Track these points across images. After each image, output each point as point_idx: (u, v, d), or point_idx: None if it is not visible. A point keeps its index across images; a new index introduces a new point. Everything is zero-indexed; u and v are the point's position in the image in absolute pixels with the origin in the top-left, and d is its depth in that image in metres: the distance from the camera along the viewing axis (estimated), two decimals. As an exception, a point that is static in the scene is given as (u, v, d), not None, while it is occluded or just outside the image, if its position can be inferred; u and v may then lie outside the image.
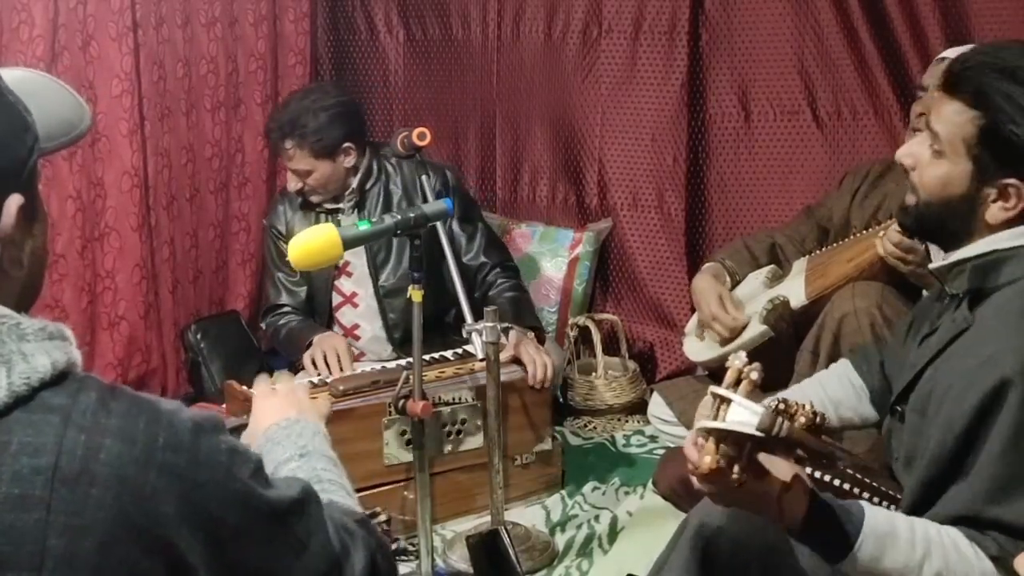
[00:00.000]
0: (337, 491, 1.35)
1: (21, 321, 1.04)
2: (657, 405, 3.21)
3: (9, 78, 1.10)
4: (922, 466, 1.62)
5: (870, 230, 2.82)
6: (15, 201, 1.05)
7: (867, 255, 2.70)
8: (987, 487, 1.53)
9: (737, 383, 1.43)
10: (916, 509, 1.61)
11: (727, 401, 1.40)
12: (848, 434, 2.27)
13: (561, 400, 3.49)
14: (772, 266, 3.03)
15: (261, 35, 3.72)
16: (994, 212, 1.66)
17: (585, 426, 3.46)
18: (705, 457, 1.39)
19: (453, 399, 2.77)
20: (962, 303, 1.70)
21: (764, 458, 1.45)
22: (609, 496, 2.95)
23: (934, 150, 1.69)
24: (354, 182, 3.14)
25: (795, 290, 2.80)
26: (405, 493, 2.69)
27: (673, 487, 2.78)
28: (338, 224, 3.09)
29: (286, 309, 3.27)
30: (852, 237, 2.86)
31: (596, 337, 3.51)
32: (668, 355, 3.68)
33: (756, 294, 2.95)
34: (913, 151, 1.75)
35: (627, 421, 3.47)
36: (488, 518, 2.61)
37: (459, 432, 2.78)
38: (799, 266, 2.93)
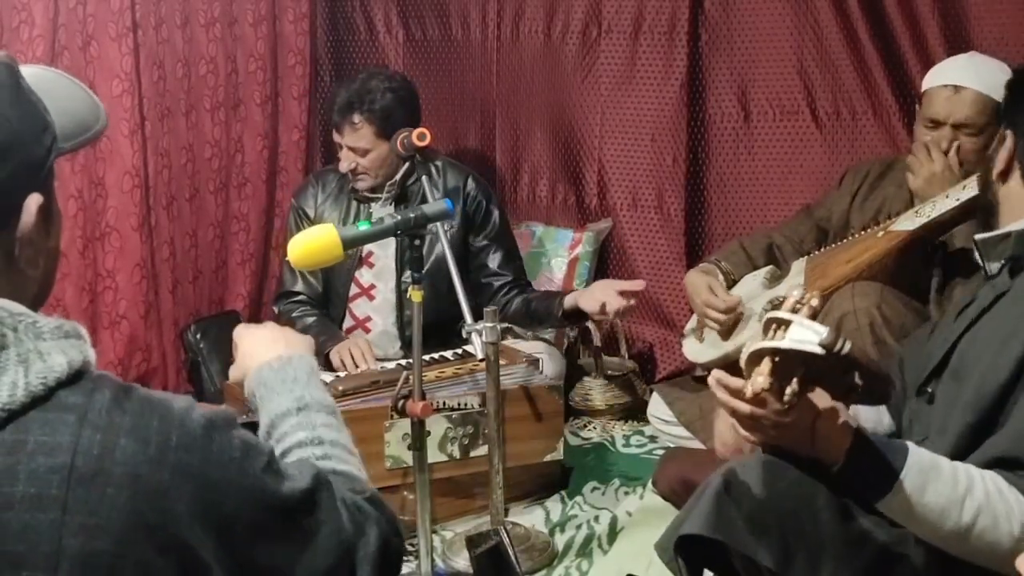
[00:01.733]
0: (340, 454, 1.33)
1: (38, 320, 1.04)
2: (657, 405, 3.21)
3: (26, 75, 1.10)
4: (962, 413, 1.64)
5: (869, 230, 2.82)
6: (35, 200, 1.06)
7: (867, 255, 2.70)
8: None
9: (795, 312, 1.42)
10: (956, 458, 1.61)
11: (785, 324, 1.39)
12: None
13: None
14: (771, 266, 3.02)
15: (260, 35, 3.72)
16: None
17: (585, 426, 3.47)
18: (758, 378, 1.38)
19: (459, 405, 2.77)
20: (1001, 272, 1.74)
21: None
22: (609, 496, 2.95)
23: None
24: (399, 174, 3.15)
25: (795, 291, 2.80)
26: (405, 493, 2.69)
27: (673, 487, 2.78)
28: (369, 216, 3.13)
29: (301, 297, 3.29)
30: (851, 237, 2.86)
31: (596, 337, 3.51)
32: (667, 355, 3.68)
33: (755, 295, 2.95)
34: None
35: (626, 421, 3.47)
36: (488, 518, 2.61)
37: (466, 439, 2.77)
38: (798, 266, 2.93)
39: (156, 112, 3.38)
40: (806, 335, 1.36)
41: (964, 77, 2.72)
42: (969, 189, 2.49)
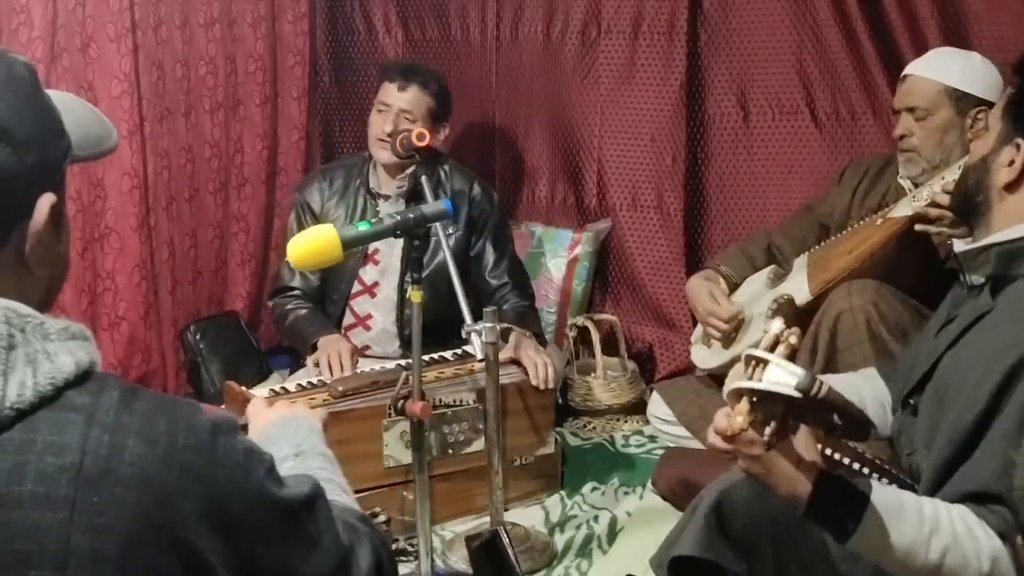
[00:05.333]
0: (334, 489, 1.36)
1: (45, 321, 1.05)
2: (656, 405, 3.21)
3: None
4: (941, 447, 1.63)
5: (867, 219, 2.82)
6: (48, 200, 1.08)
7: (867, 244, 2.70)
8: (997, 464, 1.53)
9: (773, 348, 1.42)
10: (934, 491, 1.61)
11: (763, 363, 1.39)
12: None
13: (560, 401, 3.48)
14: (773, 266, 3.03)
15: (260, 36, 3.72)
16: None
17: (584, 426, 3.46)
18: (737, 417, 1.38)
19: (455, 401, 2.77)
20: (983, 290, 1.72)
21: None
22: (608, 496, 2.95)
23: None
24: (411, 169, 3.14)
25: (799, 287, 2.81)
26: (404, 494, 2.69)
27: (673, 487, 2.79)
28: (377, 213, 3.12)
29: (296, 292, 3.28)
30: (850, 228, 2.87)
31: (595, 337, 3.51)
32: (667, 355, 3.69)
33: (760, 295, 2.95)
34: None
35: (626, 421, 3.47)
36: (487, 519, 2.61)
37: (461, 436, 2.78)
38: (800, 263, 2.93)
39: (155, 113, 3.38)
40: (783, 377, 1.36)
41: (911, 68, 2.89)
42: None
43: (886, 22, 3.34)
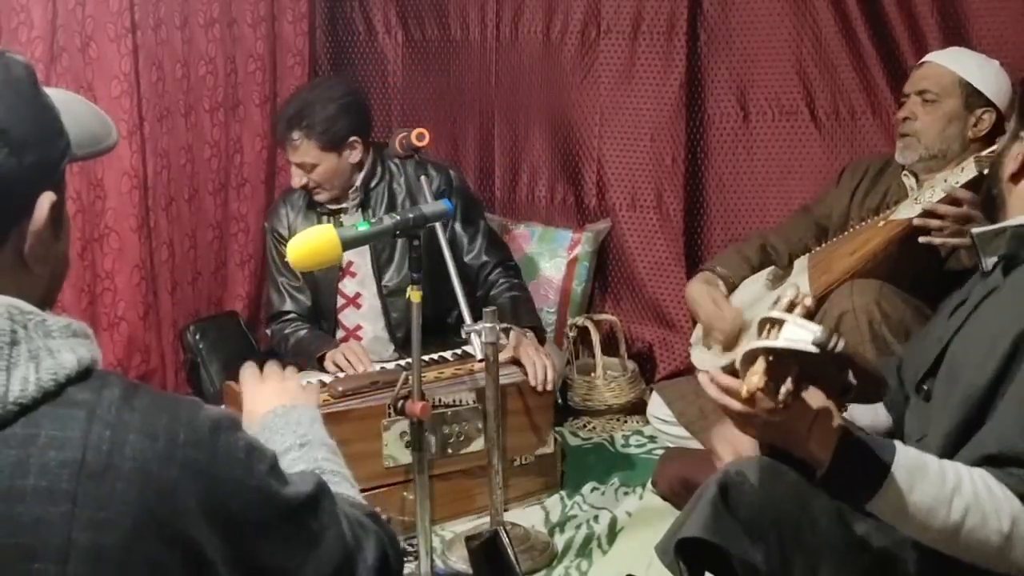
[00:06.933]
0: (341, 482, 1.36)
1: (46, 318, 1.06)
2: (656, 405, 3.21)
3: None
4: (952, 413, 1.64)
5: (870, 220, 2.82)
6: (48, 199, 1.08)
7: (869, 246, 2.70)
8: (1014, 427, 1.54)
9: (790, 312, 1.42)
10: (946, 457, 1.61)
11: (779, 324, 1.39)
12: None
13: (560, 401, 3.49)
14: (772, 267, 3.02)
15: (259, 36, 3.72)
16: None
17: (584, 426, 3.46)
18: (752, 377, 1.39)
19: (454, 401, 2.77)
20: (995, 270, 1.74)
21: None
22: (608, 496, 2.95)
23: None
24: (358, 180, 3.14)
25: (800, 288, 2.80)
26: (404, 494, 2.69)
27: (673, 487, 2.79)
28: (340, 225, 3.10)
29: (291, 316, 3.26)
30: (852, 230, 2.87)
31: (595, 337, 3.51)
32: (667, 355, 3.69)
33: (760, 296, 2.95)
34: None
35: (626, 421, 3.47)
36: (487, 519, 2.61)
37: (460, 435, 2.78)
38: (800, 264, 2.93)
39: (155, 113, 3.38)
40: (800, 334, 1.37)
41: (931, 56, 2.91)
42: (967, 171, 2.53)
43: (886, 22, 3.34)
